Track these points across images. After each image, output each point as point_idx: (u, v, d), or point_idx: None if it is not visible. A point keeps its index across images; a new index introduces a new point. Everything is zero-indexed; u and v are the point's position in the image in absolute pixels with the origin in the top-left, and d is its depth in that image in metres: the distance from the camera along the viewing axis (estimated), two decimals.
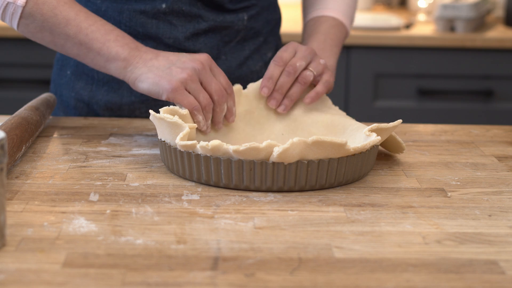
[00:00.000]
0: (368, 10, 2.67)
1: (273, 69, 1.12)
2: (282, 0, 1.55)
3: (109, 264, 0.76)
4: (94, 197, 0.93)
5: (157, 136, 1.17)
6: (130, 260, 0.77)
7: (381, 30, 2.32)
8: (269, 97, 1.14)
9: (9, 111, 1.38)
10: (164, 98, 1.06)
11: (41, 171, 1.02)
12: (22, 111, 1.12)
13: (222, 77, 1.10)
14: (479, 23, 2.43)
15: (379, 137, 1.00)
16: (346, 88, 2.33)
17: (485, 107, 2.37)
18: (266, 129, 1.14)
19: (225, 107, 1.09)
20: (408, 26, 2.40)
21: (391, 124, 1.02)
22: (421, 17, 2.55)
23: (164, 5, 1.23)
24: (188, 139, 1.00)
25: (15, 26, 1.13)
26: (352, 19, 1.34)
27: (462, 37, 2.31)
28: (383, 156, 1.12)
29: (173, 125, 0.99)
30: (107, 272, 0.75)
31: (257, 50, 1.34)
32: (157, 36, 1.25)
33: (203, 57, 1.08)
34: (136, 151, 1.11)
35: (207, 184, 0.98)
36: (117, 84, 1.28)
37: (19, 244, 0.80)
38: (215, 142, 0.94)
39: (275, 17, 1.38)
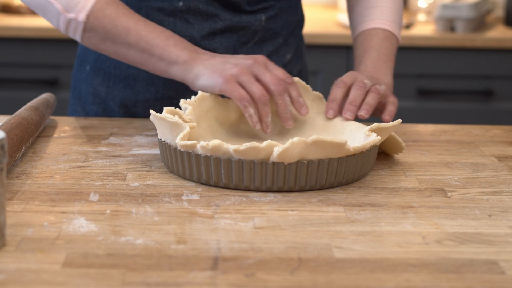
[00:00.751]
0: None
1: (336, 91, 1.11)
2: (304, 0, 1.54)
3: (109, 264, 0.76)
4: (94, 197, 0.93)
5: (157, 136, 1.18)
6: (130, 260, 0.77)
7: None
8: (344, 110, 1.10)
9: (9, 111, 1.38)
10: (217, 91, 1.09)
11: (41, 171, 1.02)
12: (22, 111, 1.12)
13: (279, 71, 1.10)
14: (479, 23, 2.43)
15: (379, 137, 1.00)
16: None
17: (485, 107, 2.37)
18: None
19: (287, 98, 1.08)
20: (408, 26, 2.40)
21: (391, 123, 1.02)
22: (421, 17, 2.55)
23: (181, 3, 1.25)
24: (189, 139, 1.00)
25: (78, 39, 1.18)
26: (400, 25, 1.32)
27: (462, 37, 2.31)
28: (383, 156, 1.12)
29: (173, 125, 0.99)
30: (107, 272, 0.75)
31: (276, 52, 1.33)
32: None
33: (257, 56, 1.11)
34: (136, 151, 1.11)
35: (207, 184, 0.98)
36: (133, 81, 1.30)
37: (19, 244, 0.80)
38: (215, 142, 0.94)
39: (296, 18, 1.37)
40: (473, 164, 1.10)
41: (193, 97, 1.09)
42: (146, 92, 1.29)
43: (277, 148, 0.94)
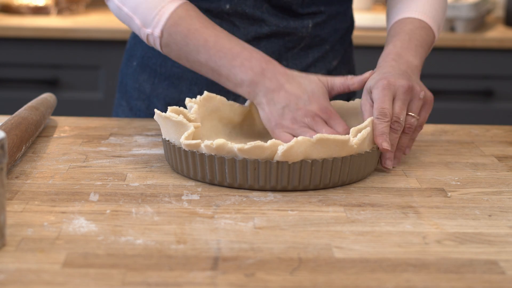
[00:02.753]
0: (368, 10, 2.67)
1: (382, 126, 1.02)
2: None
3: (109, 264, 0.76)
4: (94, 197, 0.93)
5: (157, 136, 1.18)
6: (130, 260, 0.77)
7: (381, 30, 2.32)
8: (382, 158, 1.05)
9: (9, 111, 1.38)
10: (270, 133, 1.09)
11: (41, 171, 1.02)
12: (22, 111, 1.12)
13: (341, 126, 1.06)
14: (479, 23, 2.43)
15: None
16: None
17: (485, 107, 2.37)
18: None
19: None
20: None
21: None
22: None
23: (228, 6, 1.24)
24: (193, 139, 1.00)
25: (162, 52, 1.17)
26: (440, 25, 1.24)
27: (462, 37, 2.31)
28: None
29: (178, 124, 0.99)
30: (107, 272, 0.75)
31: (322, 58, 1.31)
32: None
33: (318, 109, 1.06)
34: (136, 151, 1.11)
35: (212, 183, 0.98)
36: (178, 80, 1.30)
37: (19, 244, 0.80)
38: (219, 141, 0.95)
39: (345, 25, 1.35)
40: (473, 164, 1.10)
41: (198, 96, 1.10)
42: (189, 92, 1.29)
43: (282, 147, 0.94)
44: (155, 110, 1.03)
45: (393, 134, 1.04)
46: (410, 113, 1.06)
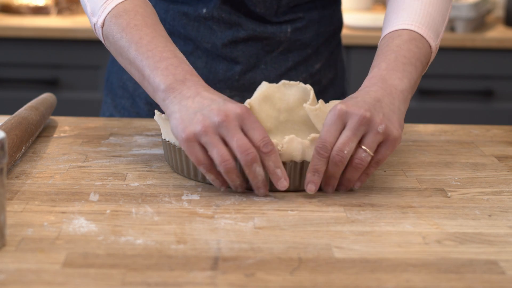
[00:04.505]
0: (368, 10, 2.67)
1: (317, 161, 0.93)
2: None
3: (109, 264, 0.76)
4: (94, 197, 0.93)
5: (157, 136, 1.18)
6: (130, 260, 0.77)
7: (381, 30, 2.32)
8: (323, 183, 0.96)
9: (9, 111, 1.39)
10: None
11: (41, 171, 1.02)
12: (22, 111, 1.12)
13: (258, 132, 0.92)
14: (479, 23, 2.43)
15: None
16: (346, 88, 2.33)
17: (485, 107, 2.37)
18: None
19: (258, 169, 0.92)
20: None
21: None
22: None
23: (204, 10, 1.24)
24: None
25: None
26: (437, 31, 1.09)
27: (462, 37, 2.31)
28: None
29: None
30: (107, 272, 0.75)
31: (304, 61, 1.29)
32: (197, 39, 1.26)
33: (233, 109, 0.93)
34: (136, 151, 1.11)
35: (212, 184, 0.98)
36: None
37: (19, 244, 0.80)
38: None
39: (330, 29, 1.31)
40: (473, 164, 1.10)
41: None
42: None
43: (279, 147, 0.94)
44: (155, 111, 1.03)
45: (333, 166, 0.93)
46: (362, 147, 0.93)
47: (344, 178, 0.95)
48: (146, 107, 1.31)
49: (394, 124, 0.95)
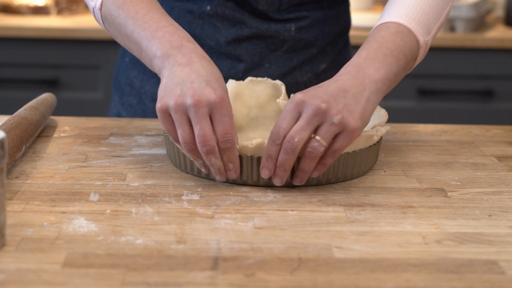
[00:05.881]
0: (368, 10, 2.67)
1: (270, 147, 0.94)
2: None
3: (109, 264, 0.76)
4: (94, 197, 0.93)
5: (157, 136, 1.18)
6: (130, 260, 0.77)
7: None
8: (274, 174, 0.96)
9: (9, 111, 1.38)
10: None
11: (41, 171, 1.02)
12: (22, 111, 1.12)
13: (222, 126, 0.94)
14: (479, 23, 2.43)
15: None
16: None
17: (485, 107, 2.37)
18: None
19: (213, 160, 0.95)
20: None
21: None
22: None
23: (208, 7, 1.24)
24: None
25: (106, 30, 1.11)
26: (429, 28, 1.07)
27: (462, 37, 2.31)
28: (383, 156, 1.12)
29: None
30: (107, 272, 0.75)
31: (309, 61, 1.29)
32: (201, 37, 1.26)
33: (208, 95, 0.93)
34: (136, 151, 1.11)
35: (214, 179, 0.99)
36: None
37: (19, 244, 0.80)
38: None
39: (336, 29, 1.31)
40: (473, 164, 1.10)
41: None
42: None
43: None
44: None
45: (283, 155, 0.94)
46: (316, 137, 0.93)
47: (298, 169, 0.96)
48: (152, 104, 1.32)
49: (353, 115, 0.94)
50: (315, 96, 0.94)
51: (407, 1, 1.08)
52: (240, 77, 1.26)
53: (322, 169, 0.96)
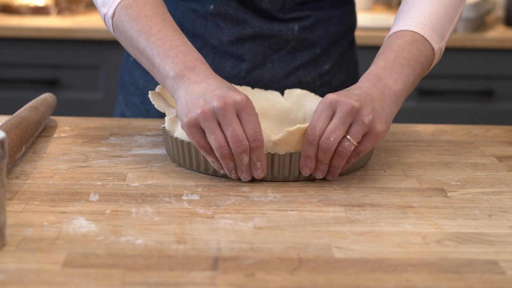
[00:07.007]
0: (368, 10, 2.67)
1: (307, 148, 0.97)
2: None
3: (109, 264, 0.76)
4: (94, 197, 0.93)
5: (157, 136, 1.18)
6: (130, 260, 0.77)
7: (381, 30, 2.32)
8: (315, 169, 1.00)
9: (9, 111, 1.38)
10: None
11: (41, 171, 1.02)
12: (22, 111, 1.12)
13: (251, 125, 0.95)
14: (479, 23, 2.43)
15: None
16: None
17: (485, 107, 2.37)
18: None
19: (245, 158, 0.96)
20: None
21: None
22: None
23: (212, 6, 1.24)
24: None
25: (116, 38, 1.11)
26: (443, 34, 1.10)
27: (462, 37, 2.31)
28: (383, 156, 1.12)
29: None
30: (107, 272, 0.75)
31: (313, 61, 1.29)
32: (204, 36, 1.26)
33: (233, 97, 0.95)
34: (136, 151, 1.11)
35: (214, 175, 1.00)
36: None
37: (19, 244, 0.80)
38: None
39: (340, 29, 1.31)
40: (473, 164, 1.10)
41: None
42: None
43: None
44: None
45: (321, 153, 0.97)
46: (347, 136, 0.96)
47: (330, 165, 0.99)
48: None
49: (380, 119, 0.98)
50: (347, 96, 0.97)
51: (421, 7, 1.10)
52: (243, 76, 1.26)
53: (345, 168, 1.00)
